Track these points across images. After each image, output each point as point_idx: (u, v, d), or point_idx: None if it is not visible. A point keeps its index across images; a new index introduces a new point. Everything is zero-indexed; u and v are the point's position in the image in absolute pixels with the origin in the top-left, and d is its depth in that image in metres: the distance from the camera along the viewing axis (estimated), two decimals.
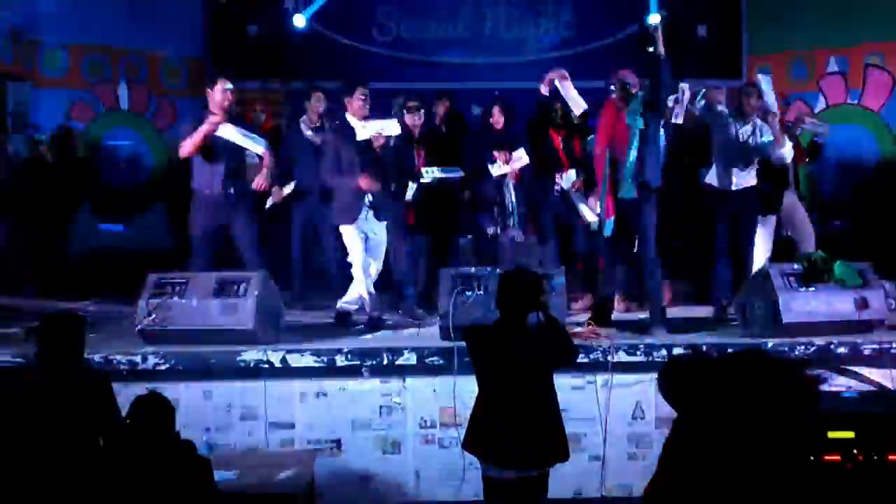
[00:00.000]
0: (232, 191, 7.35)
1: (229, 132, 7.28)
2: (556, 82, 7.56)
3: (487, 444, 4.94)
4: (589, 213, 7.82)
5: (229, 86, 7.39)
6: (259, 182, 7.40)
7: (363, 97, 7.38)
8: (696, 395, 2.58)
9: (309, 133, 8.27)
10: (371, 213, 7.34)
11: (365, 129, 7.26)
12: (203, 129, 7.20)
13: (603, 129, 7.21)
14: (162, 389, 4.48)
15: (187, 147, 7.27)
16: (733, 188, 7.77)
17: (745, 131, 7.76)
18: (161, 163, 11.24)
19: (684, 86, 7.85)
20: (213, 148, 7.27)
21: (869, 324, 6.80)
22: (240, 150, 7.41)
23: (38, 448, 4.57)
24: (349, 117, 7.39)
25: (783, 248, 8.19)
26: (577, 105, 7.64)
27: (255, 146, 7.44)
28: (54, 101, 10.62)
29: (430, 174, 8.00)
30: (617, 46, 11.55)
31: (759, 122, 7.78)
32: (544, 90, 7.63)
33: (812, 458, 2.54)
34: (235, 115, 7.72)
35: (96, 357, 6.28)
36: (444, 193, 8.28)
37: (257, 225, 7.60)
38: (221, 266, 7.26)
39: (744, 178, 7.77)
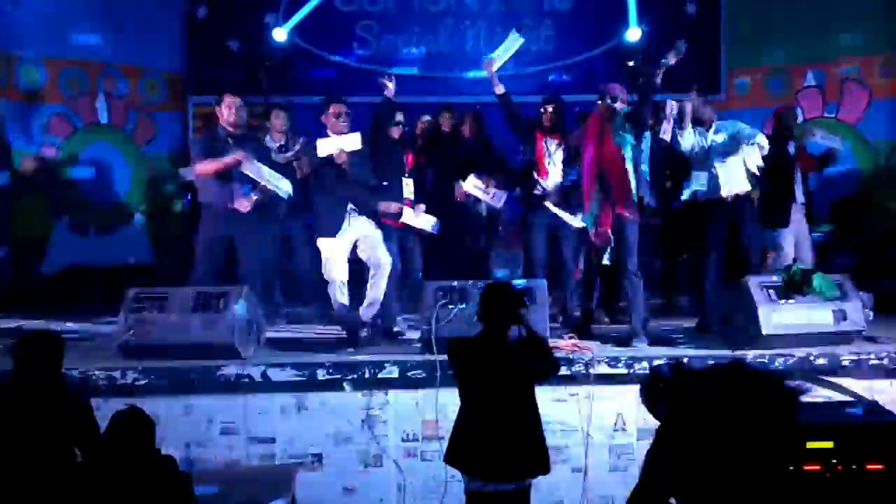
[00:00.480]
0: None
1: (252, 170, 7.27)
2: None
3: (469, 458, 4.94)
4: (569, 217, 7.80)
5: (237, 100, 7.39)
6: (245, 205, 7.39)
7: (337, 113, 7.35)
8: (678, 406, 2.59)
9: (273, 152, 8.24)
10: (355, 213, 7.31)
11: (323, 147, 7.24)
12: (226, 161, 7.20)
13: (589, 141, 7.26)
14: (141, 404, 4.44)
15: (203, 171, 7.29)
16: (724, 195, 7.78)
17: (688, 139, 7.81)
18: (139, 177, 11.20)
19: (673, 103, 7.92)
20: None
21: (847, 335, 6.85)
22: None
23: (14, 462, 4.54)
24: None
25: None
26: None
27: (281, 185, 7.45)
28: (31, 115, 10.56)
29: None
30: (597, 61, 11.61)
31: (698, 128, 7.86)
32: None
33: (792, 467, 2.55)
34: (249, 129, 7.78)
35: (74, 373, 6.23)
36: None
37: (259, 238, 7.58)
38: (225, 279, 7.28)
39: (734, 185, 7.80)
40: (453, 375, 5.14)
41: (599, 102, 7.22)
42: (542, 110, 7.96)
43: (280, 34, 11.11)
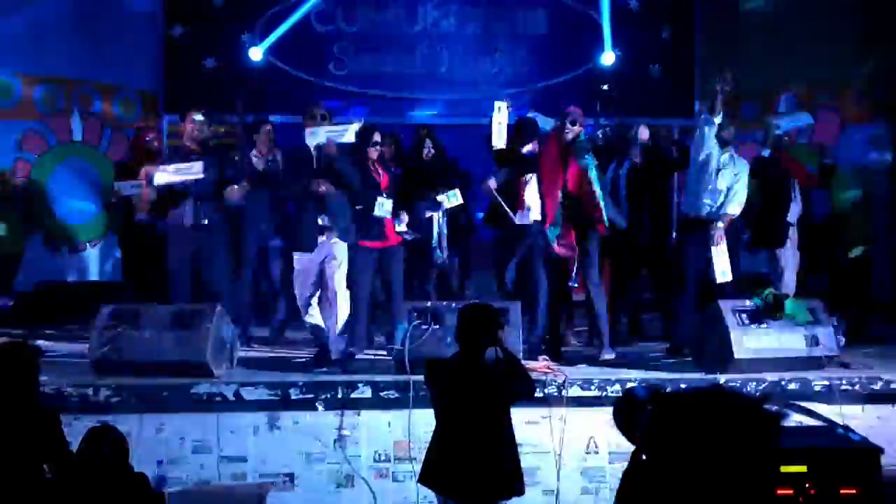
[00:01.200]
0: (206, 222, 7.32)
1: (164, 178, 7.27)
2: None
3: (444, 479, 4.94)
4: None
5: (199, 117, 7.41)
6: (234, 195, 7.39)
7: (313, 115, 7.39)
8: (656, 430, 2.59)
9: (260, 165, 8.26)
10: (333, 235, 7.30)
11: (314, 135, 7.24)
12: (145, 193, 7.28)
13: (548, 163, 7.34)
14: (113, 422, 4.44)
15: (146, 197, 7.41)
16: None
17: None
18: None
19: (644, 128, 7.98)
20: (173, 194, 7.31)
21: (819, 360, 6.89)
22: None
23: None
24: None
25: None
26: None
27: (193, 174, 7.38)
28: (5, 132, 10.50)
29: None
30: (571, 84, 11.68)
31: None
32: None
33: (768, 492, 2.56)
34: (213, 146, 7.82)
35: (47, 389, 6.18)
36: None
37: (230, 258, 7.57)
38: (201, 298, 7.27)
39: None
40: (429, 396, 5.14)
41: (558, 125, 7.32)
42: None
43: (256, 53, 11.14)
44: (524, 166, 7.81)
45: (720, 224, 7.57)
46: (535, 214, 7.77)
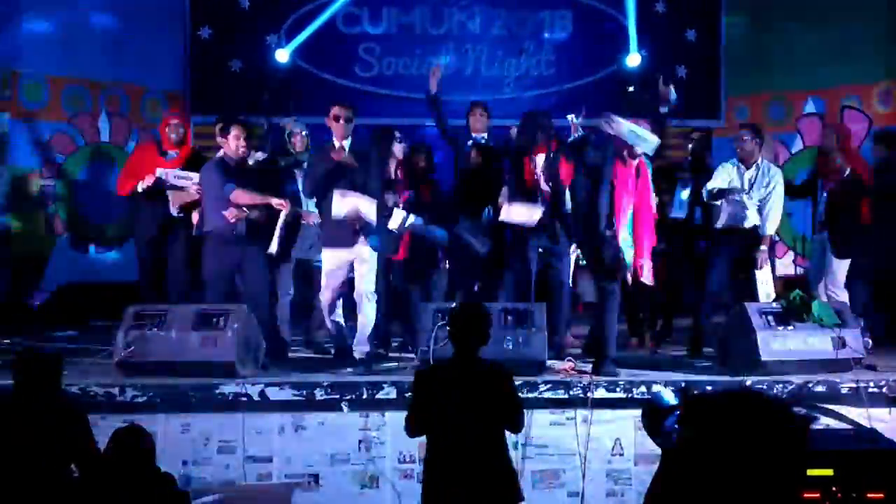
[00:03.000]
0: (243, 230, 7.30)
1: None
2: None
3: (446, 496, 4.80)
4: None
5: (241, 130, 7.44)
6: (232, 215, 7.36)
7: (335, 116, 7.43)
8: (689, 433, 2.58)
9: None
10: (361, 236, 7.29)
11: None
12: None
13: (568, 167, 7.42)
14: (139, 422, 4.45)
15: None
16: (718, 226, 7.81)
17: None
18: None
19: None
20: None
21: (846, 362, 6.84)
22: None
23: (13, 479, 4.53)
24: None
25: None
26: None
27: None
28: (34, 133, 10.57)
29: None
30: (596, 86, 11.66)
31: None
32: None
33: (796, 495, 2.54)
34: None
35: (74, 389, 6.23)
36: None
37: (266, 268, 7.56)
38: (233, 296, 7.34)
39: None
40: (417, 410, 4.91)
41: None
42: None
43: (282, 55, 11.17)
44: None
45: (763, 247, 7.57)
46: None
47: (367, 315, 7.33)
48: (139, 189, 7.90)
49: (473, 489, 4.70)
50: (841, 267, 8.06)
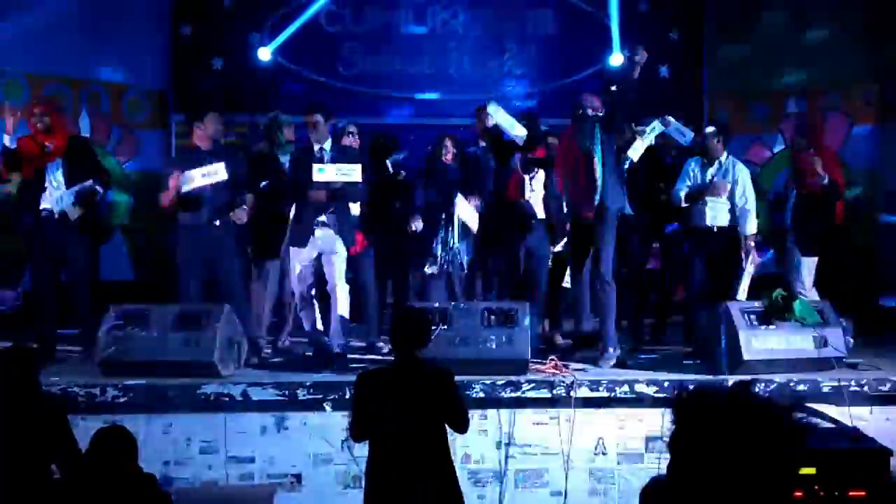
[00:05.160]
0: (217, 223, 7.29)
1: (192, 185, 7.21)
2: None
3: (381, 500, 4.76)
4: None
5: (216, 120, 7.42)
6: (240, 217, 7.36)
7: (310, 122, 7.37)
8: (677, 429, 2.57)
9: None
10: (325, 226, 7.30)
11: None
12: (171, 185, 7.19)
13: (559, 155, 7.39)
14: (120, 422, 4.43)
15: (167, 200, 7.27)
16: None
17: None
18: (121, 194, 11.14)
19: (656, 123, 7.97)
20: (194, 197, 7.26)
21: (828, 361, 6.87)
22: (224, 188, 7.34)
23: None
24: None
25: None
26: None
27: (217, 175, 7.28)
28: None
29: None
30: (580, 85, 11.66)
31: None
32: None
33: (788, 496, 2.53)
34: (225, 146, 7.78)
35: (55, 389, 6.20)
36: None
37: (241, 259, 7.53)
38: (211, 298, 7.26)
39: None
40: (358, 417, 4.87)
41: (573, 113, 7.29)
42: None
43: (264, 54, 11.15)
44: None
45: (752, 244, 7.61)
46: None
47: (341, 304, 7.32)
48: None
49: (414, 493, 4.68)
50: (809, 266, 8.09)
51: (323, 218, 7.27)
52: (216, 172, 7.18)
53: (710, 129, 7.97)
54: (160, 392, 6.46)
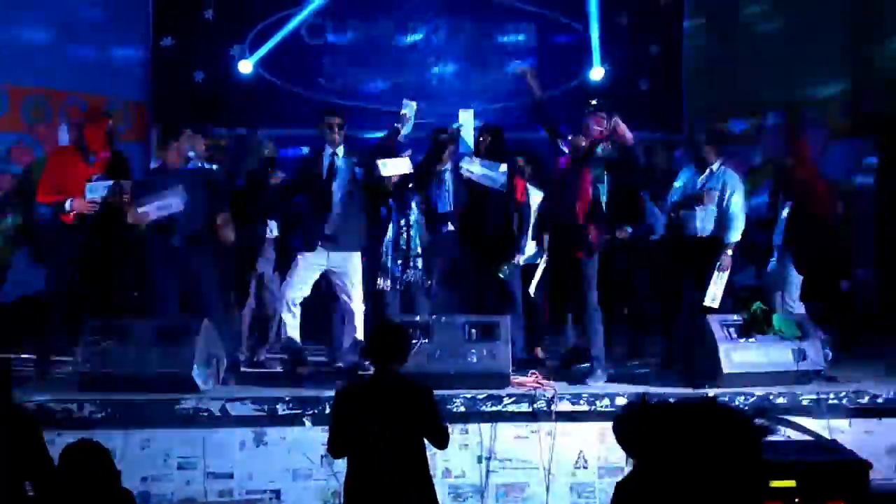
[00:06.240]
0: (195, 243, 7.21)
1: (147, 215, 7.12)
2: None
3: None
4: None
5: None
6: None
7: (329, 125, 7.44)
8: (643, 439, 2.58)
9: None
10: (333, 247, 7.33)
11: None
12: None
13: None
14: (98, 437, 4.37)
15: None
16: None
17: None
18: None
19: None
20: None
21: (807, 374, 6.89)
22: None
23: None
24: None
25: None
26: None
27: (172, 207, 7.13)
28: None
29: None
30: (560, 99, 11.67)
31: None
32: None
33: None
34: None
35: (30, 404, 6.14)
36: None
37: (215, 270, 7.49)
38: (188, 311, 7.19)
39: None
40: (336, 433, 4.86)
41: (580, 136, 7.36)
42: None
43: (246, 66, 11.14)
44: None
45: (729, 252, 7.45)
46: None
47: (359, 328, 7.34)
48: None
49: None
50: (799, 280, 8.09)
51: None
52: (170, 205, 7.10)
53: (700, 136, 7.94)
54: (138, 407, 6.41)
